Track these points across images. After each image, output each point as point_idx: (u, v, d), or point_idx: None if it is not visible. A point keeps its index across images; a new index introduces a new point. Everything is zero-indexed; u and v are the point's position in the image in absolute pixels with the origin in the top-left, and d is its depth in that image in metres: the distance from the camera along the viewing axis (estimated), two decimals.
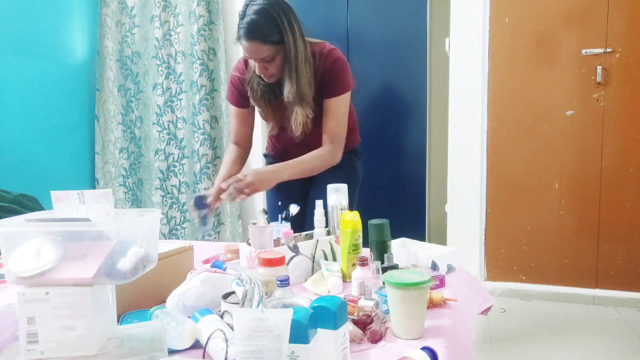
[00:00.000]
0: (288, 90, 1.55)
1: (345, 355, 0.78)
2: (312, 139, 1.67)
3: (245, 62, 1.67)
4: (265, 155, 1.94)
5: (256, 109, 1.75)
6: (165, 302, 1.05)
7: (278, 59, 1.52)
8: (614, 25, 2.51)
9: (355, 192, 1.82)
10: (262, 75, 1.56)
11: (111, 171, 3.29)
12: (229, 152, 1.80)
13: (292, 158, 1.79)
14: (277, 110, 1.67)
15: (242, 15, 1.48)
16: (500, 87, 2.72)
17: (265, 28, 1.46)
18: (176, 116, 3.15)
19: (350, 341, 0.87)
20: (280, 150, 1.84)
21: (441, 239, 2.93)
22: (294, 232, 1.41)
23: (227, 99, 1.77)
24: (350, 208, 1.50)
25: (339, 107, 1.64)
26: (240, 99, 1.72)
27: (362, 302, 1.01)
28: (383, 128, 3.07)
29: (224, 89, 3.06)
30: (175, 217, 3.22)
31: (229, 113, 1.78)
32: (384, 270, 1.15)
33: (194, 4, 2.98)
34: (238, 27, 1.49)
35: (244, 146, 1.80)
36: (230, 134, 1.84)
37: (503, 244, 2.81)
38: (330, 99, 1.63)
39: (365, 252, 1.38)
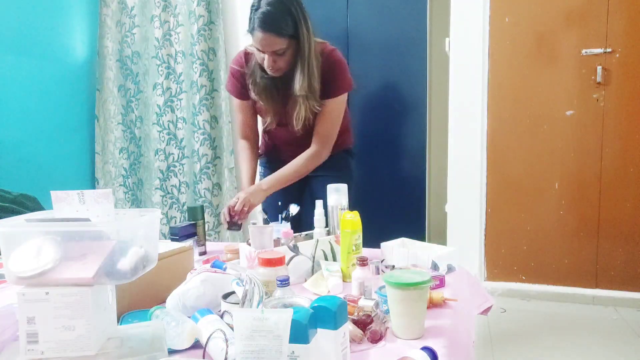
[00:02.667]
0: (300, 84, 1.55)
1: (345, 355, 0.78)
2: (306, 136, 1.68)
3: (246, 55, 1.66)
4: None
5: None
6: (165, 302, 1.05)
7: (289, 52, 1.52)
8: (614, 25, 2.51)
9: (350, 191, 1.84)
10: (269, 69, 1.55)
11: (111, 171, 3.29)
12: (244, 148, 1.80)
13: (283, 156, 1.80)
14: (278, 105, 1.67)
15: (257, 7, 1.47)
16: (500, 87, 2.72)
17: (281, 20, 1.46)
18: (176, 116, 3.15)
19: (350, 341, 0.87)
20: (271, 147, 1.85)
21: (441, 239, 2.93)
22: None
23: (229, 91, 1.77)
24: None
25: (334, 109, 1.67)
26: (243, 91, 1.71)
27: (362, 302, 1.01)
28: (383, 128, 3.07)
29: (224, 88, 3.06)
30: (175, 217, 3.22)
31: (234, 107, 1.79)
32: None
33: (194, 4, 2.98)
34: (251, 18, 1.48)
35: (253, 140, 1.81)
36: (237, 129, 1.84)
37: (503, 244, 2.81)
38: (328, 100, 1.64)
39: (366, 252, 1.38)
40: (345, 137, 1.82)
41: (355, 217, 1.32)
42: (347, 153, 1.86)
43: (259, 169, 1.91)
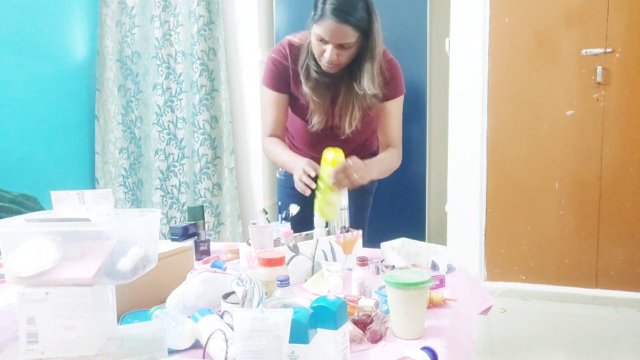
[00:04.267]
0: (371, 83, 1.45)
1: (345, 355, 0.78)
2: (346, 141, 1.59)
3: (290, 46, 1.54)
4: None
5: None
6: (165, 302, 1.05)
7: (354, 48, 1.41)
8: (614, 25, 2.51)
9: (373, 191, 1.82)
10: (328, 62, 1.42)
11: (111, 171, 3.29)
12: (275, 141, 1.61)
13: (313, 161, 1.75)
14: (327, 104, 1.55)
15: None
16: (500, 87, 2.72)
17: (357, 11, 1.36)
18: (176, 116, 3.15)
19: (350, 341, 0.87)
20: (299, 151, 1.72)
21: (441, 239, 2.93)
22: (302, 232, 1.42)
23: (266, 84, 1.60)
24: (364, 212, 1.51)
25: (399, 110, 1.60)
26: (282, 84, 1.57)
27: (362, 302, 1.01)
28: None
29: (224, 89, 3.06)
30: (175, 217, 3.22)
31: (266, 103, 1.61)
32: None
33: (194, 4, 2.98)
34: (324, 5, 1.35)
35: (282, 138, 1.65)
36: (266, 126, 1.64)
37: (503, 244, 2.80)
38: (392, 101, 1.56)
39: (366, 252, 1.38)
40: (374, 139, 1.76)
41: (338, 155, 1.34)
42: (374, 155, 1.82)
43: (277, 176, 1.80)
